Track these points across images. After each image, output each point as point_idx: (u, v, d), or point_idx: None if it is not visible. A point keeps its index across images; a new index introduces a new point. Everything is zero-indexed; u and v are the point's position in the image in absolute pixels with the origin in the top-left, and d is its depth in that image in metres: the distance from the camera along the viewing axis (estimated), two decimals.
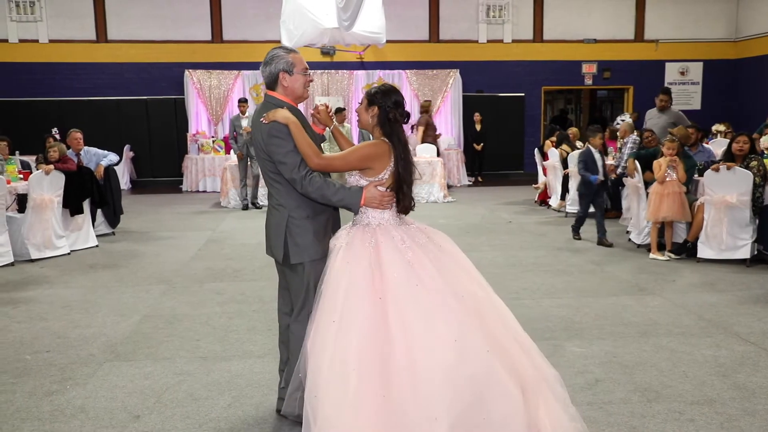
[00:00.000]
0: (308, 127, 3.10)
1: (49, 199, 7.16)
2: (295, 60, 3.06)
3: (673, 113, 8.92)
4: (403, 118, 2.96)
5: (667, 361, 4.01)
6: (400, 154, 2.91)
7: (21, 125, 13.45)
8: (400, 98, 2.96)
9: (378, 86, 3.02)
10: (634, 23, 15.53)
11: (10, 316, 5.08)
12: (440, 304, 2.71)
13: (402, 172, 2.91)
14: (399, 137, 2.94)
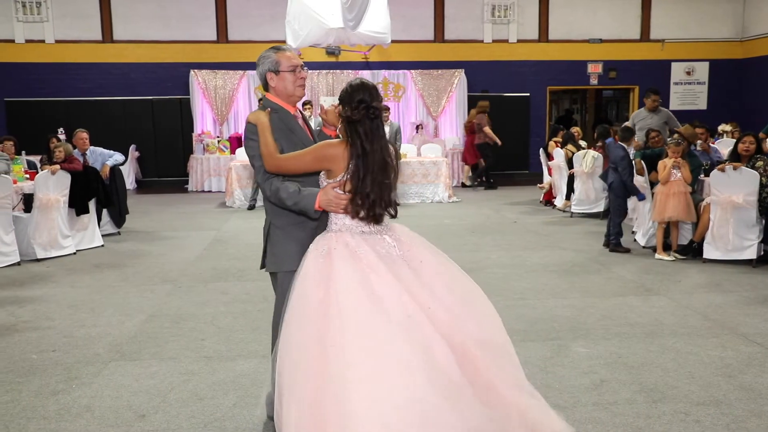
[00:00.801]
0: (296, 130, 2.99)
1: (55, 198, 7.18)
2: (281, 58, 2.98)
3: (664, 113, 8.91)
4: (369, 115, 2.72)
5: (673, 362, 4.00)
6: (358, 153, 2.68)
7: (27, 125, 13.51)
8: (366, 96, 2.72)
9: (349, 83, 2.80)
10: (639, 23, 15.48)
11: (16, 316, 5.10)
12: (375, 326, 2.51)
13: (362, 174, 2.68)
14: (363, 135, 2.70)
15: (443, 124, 15.09)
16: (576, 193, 9.63)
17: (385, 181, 2.74)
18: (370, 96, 2.73)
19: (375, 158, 2.71)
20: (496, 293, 5.55)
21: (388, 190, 2.76)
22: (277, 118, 2.93)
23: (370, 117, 2.72)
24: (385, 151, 2.76)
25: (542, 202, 11.09)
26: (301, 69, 3.01)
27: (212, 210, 10.92)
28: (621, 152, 7.18)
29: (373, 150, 2.70)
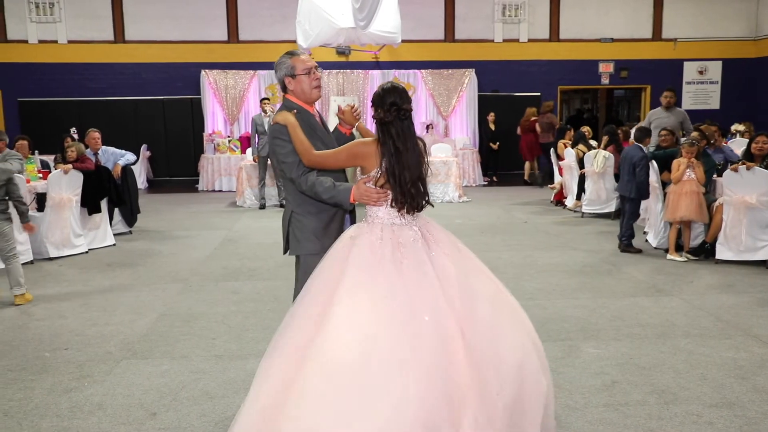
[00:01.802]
0: (316, 128, 3.18)
1: (67, 198, 7.24)
2: (296, 63, 3.19)
3: (680, 112, 8.84)
4: (400, 117, 2.86)
5: (685, 363, 3.97)
6: (391, 152, 2.83)
7: (40, 125, 13.62)
8: (397, 98, 2.87)
9: (381, 86, 2.96)
10: (651, 22, 15.39)
11: (29, 314, 5.14)
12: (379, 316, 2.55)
13: (395, 170, 2.82)
14: (395, 135, 2.84)
15: (453, 123, 15.07)
16: (587, 193, 9.59)
17: (421, 176, 2.91)
18: (401, 98, 2.88)
19: (409, 155, 2.86)
20: None
21: (424, 182, 2.93)
22: (300, 117, 3.11)
23: (401, 118, 2.87)
24: (417, 149, 2.92)
25: (553, 202, 11.05)
26: (315, 70, 3.21)
27: (223, 209, 10.96)
28: (639, 152, 7.14)
29: (407, 148, 2.86)
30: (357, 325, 2.55)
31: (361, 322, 2.55)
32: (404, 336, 2.52)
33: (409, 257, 2.73)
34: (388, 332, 2.53)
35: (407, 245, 2.77)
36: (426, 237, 2.86)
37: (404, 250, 2.75)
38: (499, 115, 14.59)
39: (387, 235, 2.80)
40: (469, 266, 2.87)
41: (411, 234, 2.83)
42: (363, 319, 2.56)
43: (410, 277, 2.67)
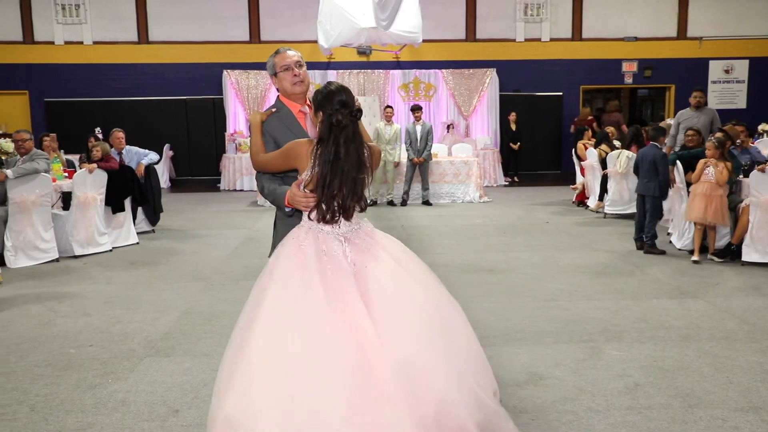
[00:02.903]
0: (292, 128, 3.08)
1: (92, 197, 7.34)
2: (276, 60, 3.19)
3: (710, 111, 8.70)
4: (352, 118, 2.69)
5: (710, 367, 3.91)
6: (329, 158, 2.64)
7: (66, 125, 13.83)
8: (344, 97, 2.70)
9: (320, 88, 2.77)
10: (676, 20, 15.19)
11: (55, 311, 5.22)
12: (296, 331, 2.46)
13: (326, 177, 2.64)
14: (343, 140, 2.66)
15: (474, 123, 15.01)
16: (609, 193, 9.49)
17: (359, 177, 2.71)
18: (350, 98, 2.72)
19: (348, 160, 2.67)
20: (527, 294, 5.51)
21: (356, 186, 2.72)
22: (277, 117, 3.11)
23: (353, 121, 2.71)
24: (360, 150, 2.71)
25: (575, 202, 10.96)
26: (296, 66, 3.13)
27: (244, 209, 11.04)
28: (660, 152, 7.05)
29: (348, 152, 2.67)
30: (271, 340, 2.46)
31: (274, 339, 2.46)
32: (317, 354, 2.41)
33: (333, 268, 2.59)
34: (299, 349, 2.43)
35: (331, 255, 2.63)
36: (358, 249, 2.68)
37: (327, 258, 2.61)
38: (521, 115, 14.53)
39: (310, 241, 2.66)
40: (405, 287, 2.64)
41: (335, 245, 2.66)
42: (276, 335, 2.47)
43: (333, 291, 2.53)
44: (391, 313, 2.53)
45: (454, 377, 2.51)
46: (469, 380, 2.56)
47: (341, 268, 2.59)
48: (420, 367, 2.46)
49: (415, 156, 11.06)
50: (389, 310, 2.54)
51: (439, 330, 2.60)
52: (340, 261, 2.61)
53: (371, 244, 2.72)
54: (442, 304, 2.71)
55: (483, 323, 4.73)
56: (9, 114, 14.46)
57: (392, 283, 2.62)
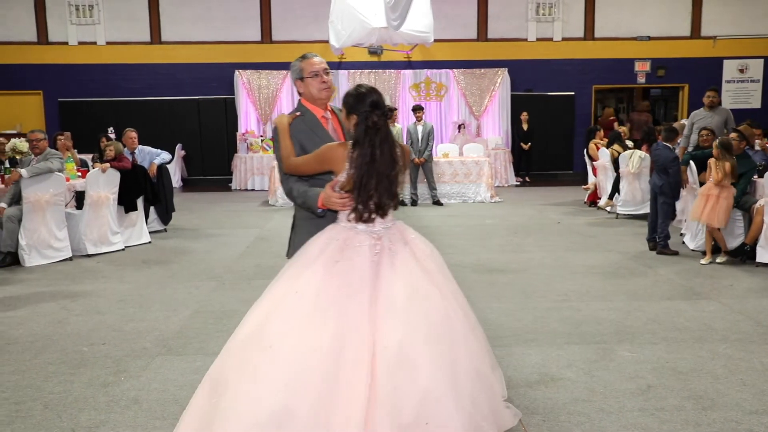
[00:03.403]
0: (318, 132, 3.13)
1: (105, 196, 7.39)
2: (304, 65, 3.23)
3: (724, 111, 8.62)
4: (385, 119, 2.82)
5: (724, 368, 3.88)
6: (366, 159, 2.74)
7: (80, 125, 13.92)
8: (376, 98, 2.82)
9: (350, 91, 2.88)
10: (690, 19, 15.07)
11: (68, 309, 5.26)
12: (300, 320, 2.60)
13: (363, 178, 2.74)
14: (378, 142, 2.76)
15: (486, 123, 14.98)
16: (622, 193, 9.43)
17: (391, 179, 2.81)
18: (381, 99, 2.84)
19: (383, 160, 2.78)
20: (539, 294, 5.49)
21: (392, 186, 2.83)
22: (302, 120, 3.15)
23: (385, 121, 2.83)
24: (393, 150, 2.82)
25: (587, 203, 10.91)
26: (324, 73, 3.21)
27: (256, 208, 11.07)
28: (671, 153, 7.00)
29: (382, 152, 2.78)
30: (264, 307, 2.73)
31: (267, 305, 2.72)
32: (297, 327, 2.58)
33: (346, 259, 2.71)
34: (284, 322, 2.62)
35: (352, 248, 2.74)
36: (386, 247, 2.77)
37: (346, 252, 2.73)
38: (533, 115, 14.47)
39: (341, 236, 2.80)
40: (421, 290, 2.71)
41: (363, 238, 2.77)
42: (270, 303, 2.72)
43: (335, 278, 2.67)
44: (395, 305, 2.62)
45: (445, 381, 2.54)
46: (463, 393, 2.58)
47: (360, 257, 2.71)
48: (408, 358, 2.53)
49: (416, 156, 11.03)
50: (394, 303, 2.63)
51: (440, 334, 2.65)
52: (364, 252, 2.73)
53: (399, 241, 2.84)
54: (451, 312, 2.76)
55: (494, 323, 4.71)
56: (23, 114, 14.60)
57: (406, 281, 2.71)
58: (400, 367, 2.51)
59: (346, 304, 2.62)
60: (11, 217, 6.79)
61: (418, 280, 2.73)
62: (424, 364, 2.53)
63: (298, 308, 2.63)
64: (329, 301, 2.63)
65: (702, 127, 8.06)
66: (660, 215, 7.05)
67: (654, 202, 7.16)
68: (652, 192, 7.23)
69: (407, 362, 2.52)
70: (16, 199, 6.95)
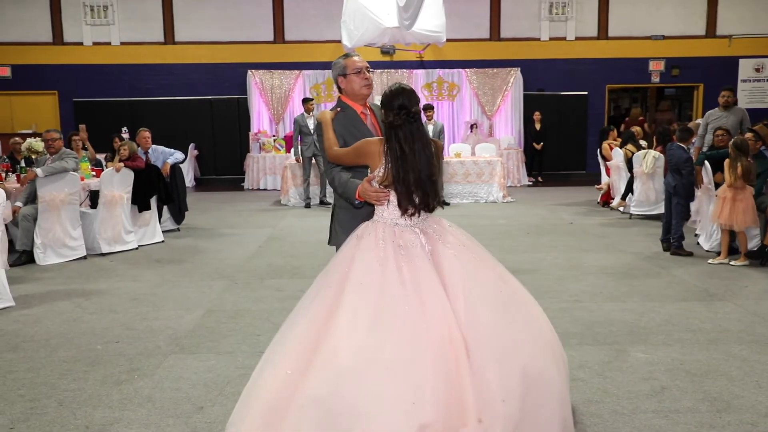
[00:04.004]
0: (359, 126, 3.32)
1: (119, 195, 7.44)
2: (348, 63, 3.40)
3: (739, 111, 8.52)
4: (409, 119, 2.90)
5: (739, 370, 3.84)
6: (397, 155, 2.87)
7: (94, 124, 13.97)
8: (406, 101, 2.93)
9: (389, 88, 3.02)
10: (705, 18, 14.93)
11: (83, 308, 5.30)
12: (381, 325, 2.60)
13: (399, 172, 2.86)
14: (403, 139, 2.88)
15: (498, 123, 14.93)
16: (635, 194, 9.37)
17: (431, 177, 2.92)
18: (410, 101, 2.93)
19: (417, 158, 2.89)
20: (552, 295, 5.46)
21: (434, 184, 2.93)
22: (343, 116, 3.34)
23: (410, 120, 2.91)
24: (427, 150, 2.93)
25: (600, 203, 10.84)
26: (366, 71, 3.40)
27: (268, 208, 11.11)
28: (684, 154, 6.95)
29: (413, 151, 2.88)
30: (359, 332, 2.58)
31: (364, 330, 2.58)
32: (405, 345, 2.54)
33: (409, 262, 2.75)
34: (389, 341, 2.55)
35: (408, 248, 2.81)
36: (431, 239, 2.88)
37: (404, 253, 2.79)
38: (545, 114, 14.41)
39: (388, 236, 2.85)
40: (478, 268, 2.85)
41: (412, 237, 2.86)
42: (365, 327, 2.59)
43: (410, 284, 2.69)
44: (473, 304, 2.69)
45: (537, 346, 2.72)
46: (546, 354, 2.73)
47: (419, 257, 2.79)
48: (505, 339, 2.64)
49: None
50: (467, 288, 2.72)
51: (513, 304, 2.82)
52: (418, 252, 2.81)
53: (442, 231, 2.94)
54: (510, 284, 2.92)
55: None
56: (39, 114, 14.74)
57: (466, 265, 2.81)
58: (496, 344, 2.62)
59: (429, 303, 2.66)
60: (27, 216, 6.86)
61: (475, 262, 2.87)
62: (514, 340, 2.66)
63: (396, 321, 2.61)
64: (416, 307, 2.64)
65: (717, 127, 7.98)
66: (674, 216, 6.99)
67: (669, 202, 7.10)
68: (667, 192, 7.18)
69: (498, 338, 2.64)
70: (31, 198, 7.02)
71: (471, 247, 2.95)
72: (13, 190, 7.22)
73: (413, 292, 2.67)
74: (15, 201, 7.02)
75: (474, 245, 2.98)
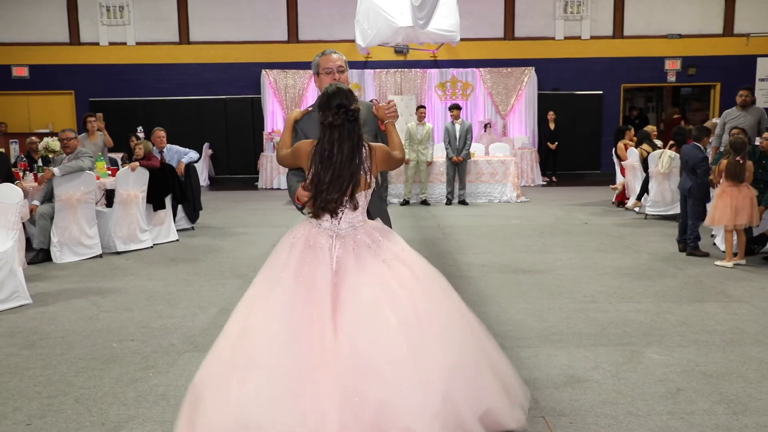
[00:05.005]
0: None
1: (134, 194, 7.49)
2: (321, 61, 3.34)
3: (757, 111, 8.42)
4: (348, 118, 2.83)
5: (756, 372, 3.79)
6: (324, 155, 2.80)
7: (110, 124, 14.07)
8: (344, 100, 2.84)
9: (324, 89, 2.95)
10: (722, 16, 14.79)
11: (98, 306, 5.35)
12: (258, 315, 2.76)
13: (319, 174, 2.81)
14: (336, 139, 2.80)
15: (512, 122, 14.88)
16: (651, 194, 9.29)
17: (352, 175, 2.82)
18: (348, 100, 2.86)
19: (341, 158, 2.81)
20: (566, 295, 5.43)
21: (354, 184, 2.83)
22: (310, 116, 3.24)
23: (350, 119, 2.84)
24: (355, 153, 2.83)
25: (615, 203, 10.77)
26: (338, 71, 3.28)
27: (281, 207, 11.14)
28: (700, 153, 6.88)
29: (341, 150, 2.81)
30: (241, 318, 2.82)
31: (244, 317, 2.80)
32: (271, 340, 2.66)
33: (310, 264, 2.78)
34: (258, 332, 2.71)
35: (316, 249, 2.81)
36: (346, 247, 2.81)
37: (311, 253, 2.80)
38: (560, 114, 14.34)
39: (303, 235, 2.87)
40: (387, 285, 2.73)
41: (325, 239, 2.83)
42: (246, 315, 2.81)
43: (301, 286, 2.73)
44: (355, 310, 2.67)
45: (407, 382, 2.55)
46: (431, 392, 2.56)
47: (322, 262, 2.77)
48: (369, 362, 2.57)
49: (454, 155, 11.03)
50: (354, 308, 2.67)
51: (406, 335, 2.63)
52: (324, 256, 2.79)
53: (363, 244, 2.83)
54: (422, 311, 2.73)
55: (520, 324, 4.68)
56: (56, 113, 14.89)
57: (368, 285, 2.72)
58: (360, 371, 2.57)
59: (311, 312, 2.68)
60: (44, 214, 6.93)
61: (379, 281, 2.74)
62: (385, 366, 2.57)
63: (270, 323, 2.72)
64: (297, 312, 2.70)
65: (734, 126, 7.90)
66: (690, 216, 6.93)
67: (684, 202, 7.04)
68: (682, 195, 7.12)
69: (367, 366, 2.58)
70: (48, 197, 7.10)
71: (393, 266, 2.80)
72: (30, 189, 7.30)
73: (302, 296, 2.71)
74: (32, 200, 7.10)
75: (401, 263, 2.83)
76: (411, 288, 2.77)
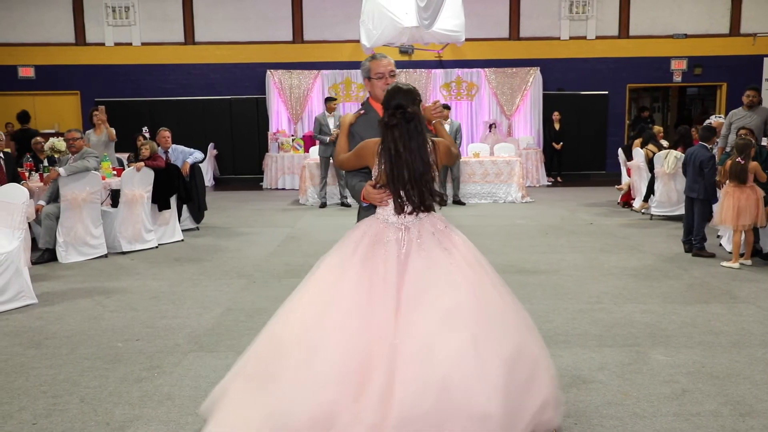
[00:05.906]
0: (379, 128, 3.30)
1: (139, 194, 7.51)
2: (372, 66, 3.41)
3: (764, 110, 8.37)
4: (404, 119, 2.87)
5: (762, 374, 3.78)
6: (391, 154, 2.86)
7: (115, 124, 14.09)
8: (401, 100, 2.90)
9: (389, 88, 3.02)
10: (729, 16, 14.73)
11: (103, 305, 5.36)
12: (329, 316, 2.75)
13: (393, 172, 2.86)
14: (398, 138, 2.86)
15: (517, 123, 14.85)
16: (657, 194, 9.26)
17: (425, 176, 2.89)
18: (406, 100, 2.91)
19: (411, 156, 2.86)
20: (571, 296, 5.42)
21: (429, 183, 2.90)
22: (364, 119, 3.34)
23: (406, 120, 2.88)
24: (423, 149, 2.89)
25: (620, 203, 10.73)
26: (389, 75, 3.39)
27: (286, 207, 11.15)
28: (707, 153, 6.86)
29: (408, 149, 2.86)
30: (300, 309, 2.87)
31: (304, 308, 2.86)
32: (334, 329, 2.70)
33: (376, 256, 2.82)
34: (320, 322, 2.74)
35: (383, 243, 2.85)
36: (411, 239, 2.86)
37: (377, 247, 2.85)
38: (565, 114, 14.30)
39: (372, 231, 2.92)
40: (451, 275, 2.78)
41: (393, 233, 2.88)
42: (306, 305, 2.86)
43: (366, 278, 2.77)
44: (419, 297, 2.70)
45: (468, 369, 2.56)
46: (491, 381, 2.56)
47: (391, 255, 2.81)
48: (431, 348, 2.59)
49: None
50: (418, 295, 2.71)
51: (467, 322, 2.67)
52: (391, 248, 2.83)
53: (427, 232, 2.90)
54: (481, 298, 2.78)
55: None
56: (61, 113, 14.94)
57: (432, 273, 2.77)
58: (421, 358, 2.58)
59: (375, 302, 2.72)
60: (49, 214, 6.96)
61: (442, 269, 2.79)
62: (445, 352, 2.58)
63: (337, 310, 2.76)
64: (362, 301, 2.74)
65: (740, 126, 7.87)
66: (696, 217, 6.90)
67: (690, 203, 7.01)
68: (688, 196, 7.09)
69: (428, 352, 2.59)
70: (54, 197, 7.12)
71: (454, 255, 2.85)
72: (36, 189, 7.33)
73: (366, 290, 2.74)
74: (38, 200, 7.12)
75: (460, 253, 2.89)
76: (470, 277, 2.84)
